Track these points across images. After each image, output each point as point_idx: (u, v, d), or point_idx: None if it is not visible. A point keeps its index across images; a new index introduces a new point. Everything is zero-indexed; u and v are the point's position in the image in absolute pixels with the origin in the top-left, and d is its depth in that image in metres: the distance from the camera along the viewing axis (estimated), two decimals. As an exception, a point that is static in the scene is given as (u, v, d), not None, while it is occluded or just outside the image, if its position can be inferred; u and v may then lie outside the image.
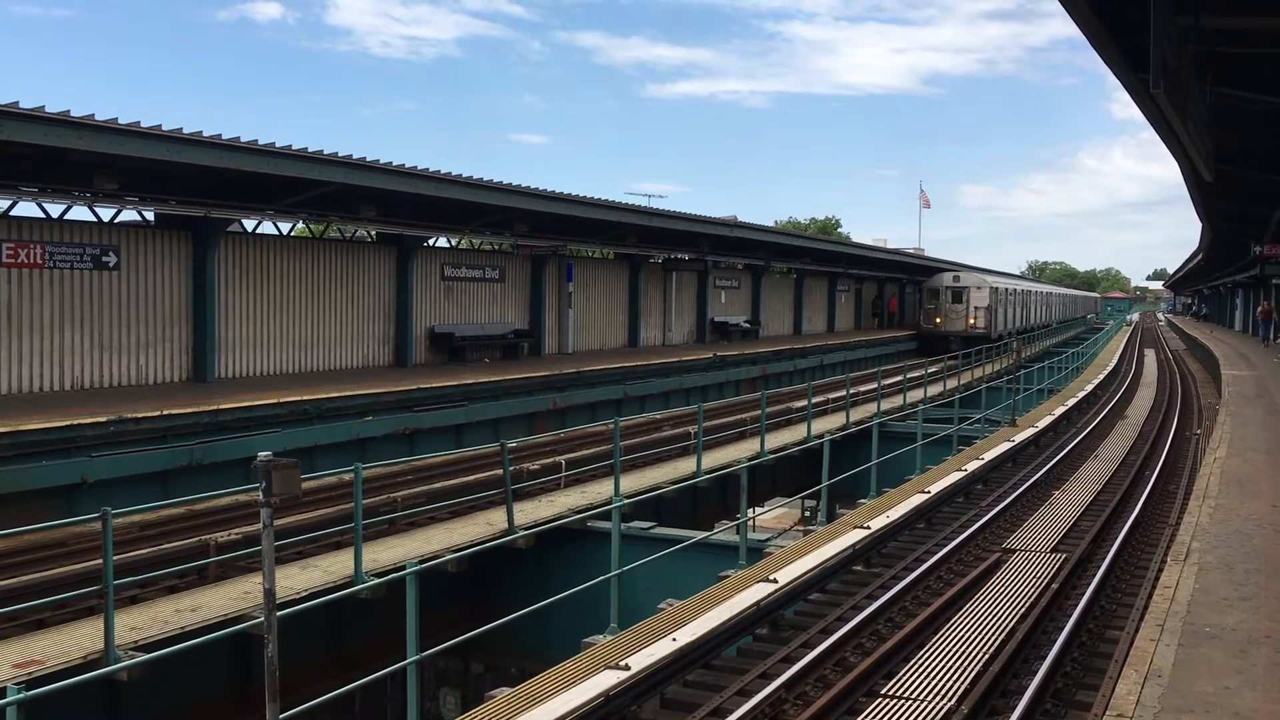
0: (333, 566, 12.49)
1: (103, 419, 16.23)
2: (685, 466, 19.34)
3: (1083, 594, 11.38)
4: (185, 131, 17.54)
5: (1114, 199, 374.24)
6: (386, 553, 13.15)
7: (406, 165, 22.39)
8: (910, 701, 8.39)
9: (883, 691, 8.67)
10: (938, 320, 58.36)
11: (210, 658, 11.04)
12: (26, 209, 19.86)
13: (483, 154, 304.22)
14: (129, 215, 21.71)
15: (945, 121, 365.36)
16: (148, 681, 9.82)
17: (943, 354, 41.91)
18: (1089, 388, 35.35)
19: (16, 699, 6.39)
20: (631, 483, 17.39)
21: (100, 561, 9.83)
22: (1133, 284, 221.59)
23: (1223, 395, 25.05)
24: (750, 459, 16.61)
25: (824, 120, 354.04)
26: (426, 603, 9.29)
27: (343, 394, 20.80)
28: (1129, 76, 12.16)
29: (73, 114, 15.80)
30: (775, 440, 22.47)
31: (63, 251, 19.75)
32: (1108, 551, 13.19)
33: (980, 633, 10.00)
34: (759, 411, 22.15)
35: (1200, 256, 56.22)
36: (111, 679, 9.41)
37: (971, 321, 57.58)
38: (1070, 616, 10.58)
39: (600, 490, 16.93)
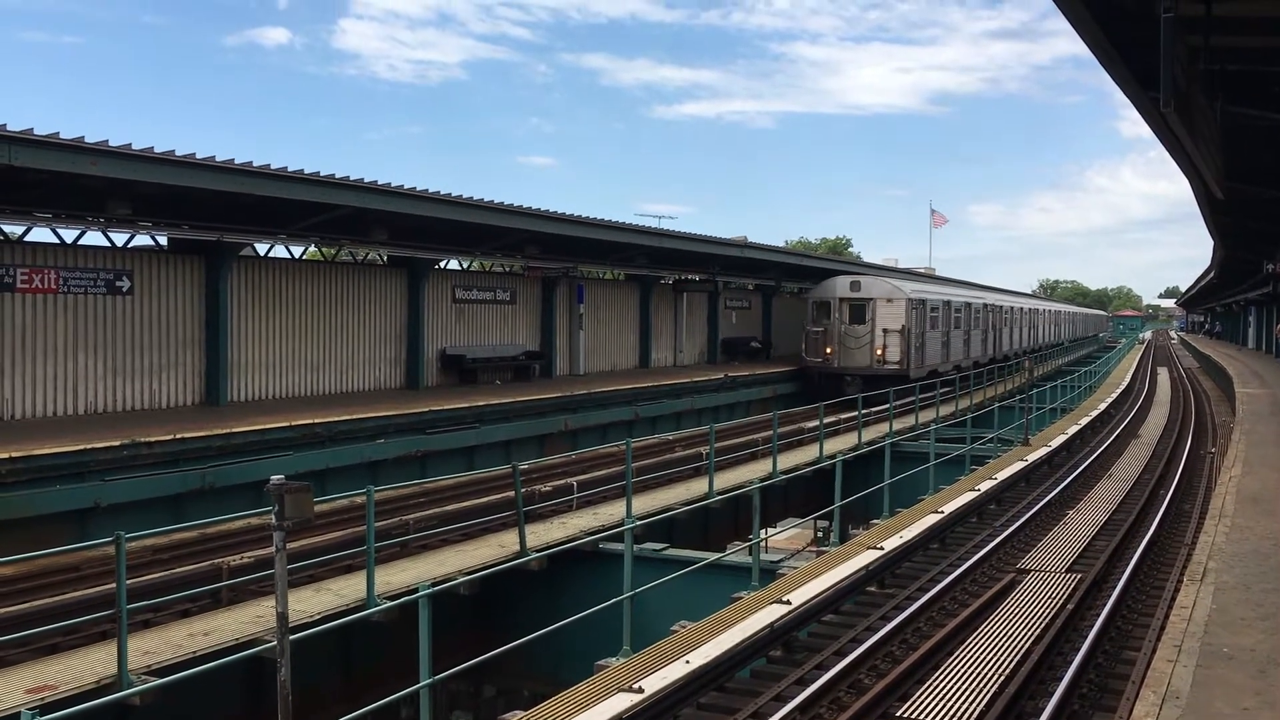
0: (345, 589, 12.48)
1: (116, 443, 16.27)
2: (697, 487, 19.30)
3: (1099, 614, 11.31)
4: (198, 156, 17.65)
5: (1123, 217, 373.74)
6: (399, 575, 13.13)
7: (417, 188, 22.48)
8: (925, 724, 8.33)
9: (898, 714, 8.62)
10: (828, 350, 38.49)
11: (223, 682, 11.01)
12: (41, 234, 20.01)
13: (490, 177, 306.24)
14: (142, 240, 21.84)
15: (951, 141, 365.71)
16: (160, 706, 9.80)
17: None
18: (1102, 406, 35.21)
19: (30, 724, 6.38)
20: (643, 504, 17.35)
21: (113, 586, 9.83)
22: (1144, 302, 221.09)
23: (1237, 413, 24.92)
24: (762, 480, 16.56)
25: (831, 140, 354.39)
26: (438, 625, 9.28)
27: (354, 417, 20.82)
28: (1139, 95, 12.18)
29: (86, 140, 15.92)
30: (787, 461, 22.42)
31: (77, 276, 19.86)
32: (1123, 571, 13.11)
33: (996, 654, 9.94)
34: (771, 432, 22.10)
35: (1212, 274, 56.06)
36: (124, 704, 9.40)
37: (879, 352, 38.03)
38: (1086, 637, 10.51)
39: (612, 512, 16.91)
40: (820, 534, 24.72)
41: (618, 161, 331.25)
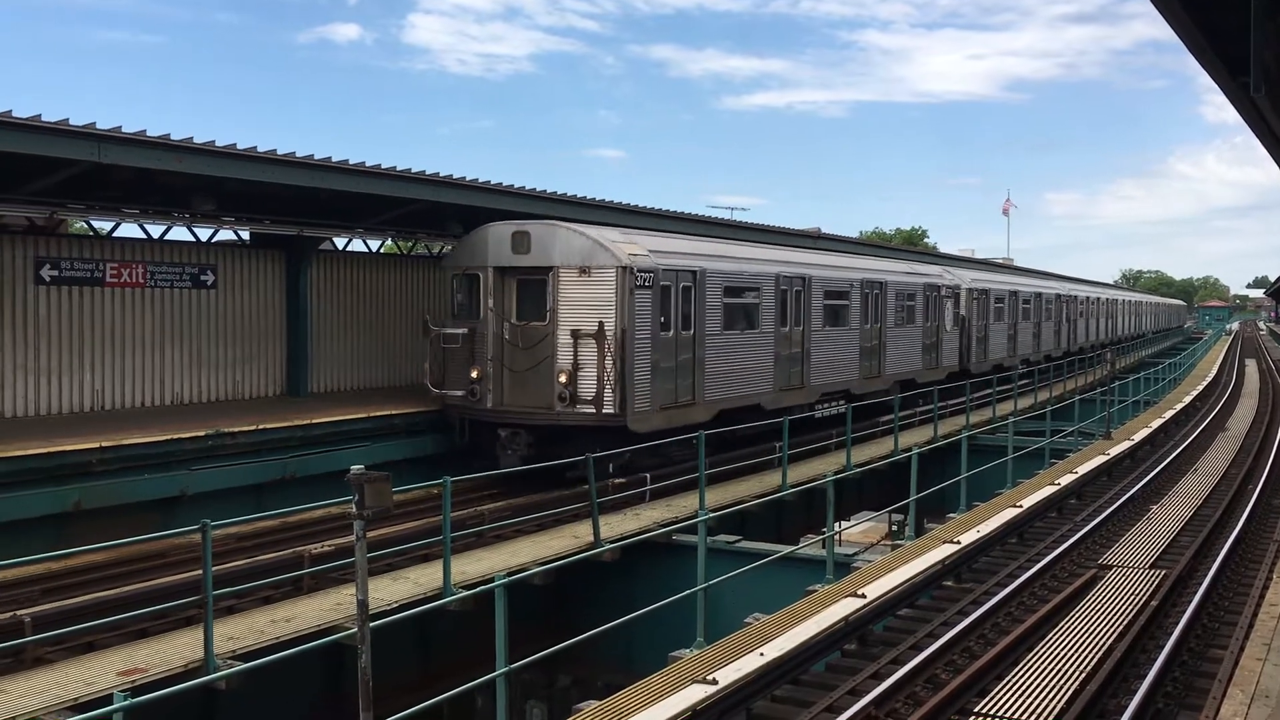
0: (421, 579, 12.67)
1: (201, 433, 16.67)
2: (770, 480, 19.23)
3: (1184, 611, 11.06)
4: (279, 153, 17.97)
5: (1208, 205, 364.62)
6: (474, 565, 13.29)
7: (490, 182, 22.66)
8: (1004, 720, 8.23)
9: (976, 710, 8.52)
10: (474, 374, 18.94)
11: (304, 667, 11.24)
12: (128, 230, 20.55)
13: (559, 170, 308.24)
14: (225, 235, 22.32)
15: (1027, 128, 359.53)
16: (245, 690, 10.04)
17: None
18: (1187, 399, 34.41)
19: (122, 706, 6.59)
20: (716, 497, 17.34)
21: (199, 572, 10.09)
22: (1231, 292, 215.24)
23: (1330, 407, 24.17)
24: (836, 473, 16.44)
25: (904, 129, 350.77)
26: (513, 615, 9.38)
27: (431, 409, 21.04)
28: (1227, 81, 11.84)
29: (172, 137, 16.28)
30: (861, 454, 22.22)
31: (163, 271, 20.36)
32: (1209, 568, 12.80)
33: (1077, 650, 9.77)
34: (844, 425, 21.92)
35: (1304, 263, 54.33)
36: (211, 687, 9.65)
37: (562, 379, 18.19)
38: (1171, 634, 10.28)
39: (685, 504, 16.92)
40: (894, 528, 24.50)
41: (687, 153, 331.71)
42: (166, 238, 21.02)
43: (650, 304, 18.74)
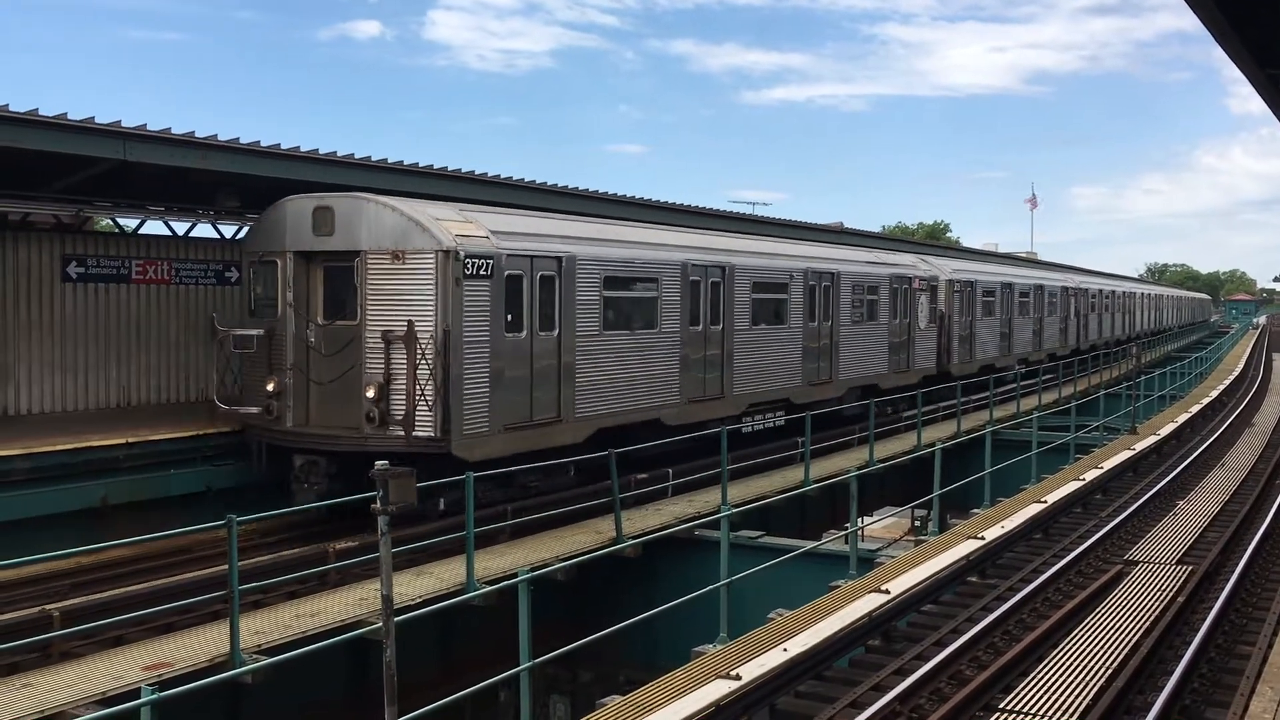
0: (445, 574, 12.70)
1: (226, 429, 16.75)
2: (793, 476, 19.19)
3: (1211, 607, 10.98)
4: (301, 150, 18.03)
5: (1235, 197, 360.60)
6: (497, 561, 13.32)
7: (513, 177, 22.68)
8: (1029, 717, 8.19)
9: (1000, 706, 8.48)
10: (270, 387, 15.13)
11: (328, 663, 11.30)
12: (154, 227, 20.69)
13: (580, 166, 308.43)
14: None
15: (1051, 121, 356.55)
16: (270, 684, 10.10)
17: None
18: (1214, 394, 34.14)
19: (150, 700, 6.64)
20: (739, 492, 17.32)
21: (224, 567, 10.15)
22: (1259, 286, 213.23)
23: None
24: (859, 468, 16.39)
25: (926, 123, 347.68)
26: (536, 611, 9.40)
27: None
28: (1255, 71, 11.74)
29: (197, 135, 16.36)
30: (884, 449, 22.14)
31: (188, 268, 20.50)
32: (1237, 563, 12.71)
33: (1102, 647, 9.71)
34: (867, 420, 21.85)
35: (1332, 256, 53.77)
36: (235, 681, 9.71)
37: (370, 393, 14.20)
38: (1198, 630, 10.22)
39: (708, 499, 16.90)
40: (918, 523, 24.41)
41: (707, 148, 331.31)
42: (191, 235, 21.17)
43: (488, 298, 14.93)
